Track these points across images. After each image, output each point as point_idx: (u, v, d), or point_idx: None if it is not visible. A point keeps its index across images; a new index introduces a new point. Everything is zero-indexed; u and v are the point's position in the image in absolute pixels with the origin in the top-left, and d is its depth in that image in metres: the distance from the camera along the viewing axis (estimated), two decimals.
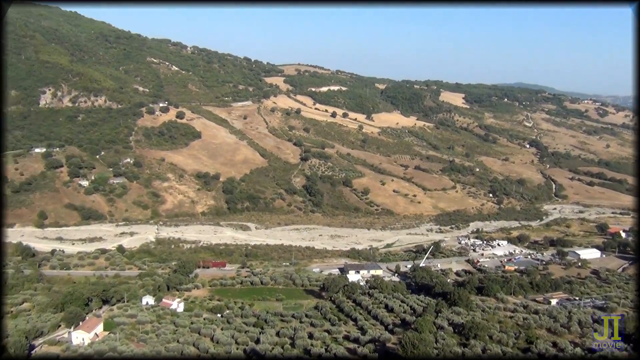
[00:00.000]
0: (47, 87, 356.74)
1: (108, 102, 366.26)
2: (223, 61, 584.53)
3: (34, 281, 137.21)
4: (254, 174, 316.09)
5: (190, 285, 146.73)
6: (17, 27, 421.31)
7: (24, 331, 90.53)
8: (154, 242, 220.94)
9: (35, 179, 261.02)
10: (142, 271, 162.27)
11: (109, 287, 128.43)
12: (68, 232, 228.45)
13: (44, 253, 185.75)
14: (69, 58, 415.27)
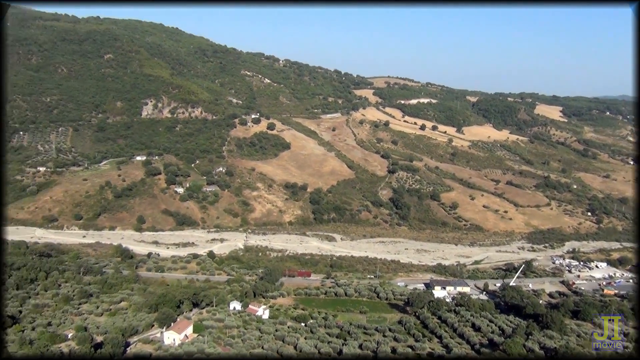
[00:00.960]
0: (149, 99, 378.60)
1: (204, 113, 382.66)
2: (314, 74, 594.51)
3: (131, 282, 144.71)
4: (340, 185, 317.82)
5: (275, 293, 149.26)
6: (124, 43, 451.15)
7: (120, 328, 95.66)
8: (243, 249, 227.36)
9: (136, 185, 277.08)
10: (231, 277, 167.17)
11: (199, 291, 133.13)
12: (163, 237, 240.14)
13: (141, 255, 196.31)
14: (169, 71, 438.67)
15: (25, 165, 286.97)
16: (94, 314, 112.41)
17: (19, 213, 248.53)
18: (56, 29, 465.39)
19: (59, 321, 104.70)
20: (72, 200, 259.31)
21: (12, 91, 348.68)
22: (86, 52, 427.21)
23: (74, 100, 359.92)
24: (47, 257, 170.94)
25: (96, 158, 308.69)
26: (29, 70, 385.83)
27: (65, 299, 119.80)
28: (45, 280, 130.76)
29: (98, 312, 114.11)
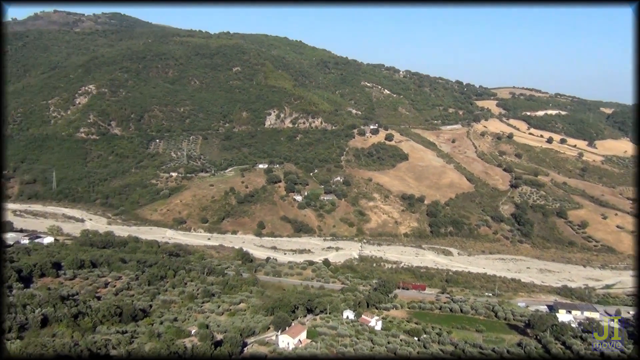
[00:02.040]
0: (272, 109, 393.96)
1: (324, 123, 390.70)
2: (434, 85, 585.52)
3: (250, 284, 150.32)
4: (459, 199, 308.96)
5: (389, 305, 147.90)
6: (251, 56, 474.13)
7: (239, 328, 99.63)
8: (357, 258, 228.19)
9: (257, 191, 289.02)
10: (345, 286, 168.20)
11: (313, 298, 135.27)
12: (281, 242, 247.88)
13: (260, 260, 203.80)
14: (292, 83, 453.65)
15: (160, 170, 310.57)
16: (215, 313, 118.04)
17: (152, 214, 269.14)
18: (191, 44, 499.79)
19: (184, 317, 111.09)
20: (200, 204, 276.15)
21: (150, 102, 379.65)
22: (217, 65, 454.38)
23: (204, 110, 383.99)
24: (176, 256, 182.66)
25: (222, 165, 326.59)
26: (166, 82, 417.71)
27: (190, 297, 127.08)
28: (173, 278, 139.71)
29: (219, 311, 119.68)
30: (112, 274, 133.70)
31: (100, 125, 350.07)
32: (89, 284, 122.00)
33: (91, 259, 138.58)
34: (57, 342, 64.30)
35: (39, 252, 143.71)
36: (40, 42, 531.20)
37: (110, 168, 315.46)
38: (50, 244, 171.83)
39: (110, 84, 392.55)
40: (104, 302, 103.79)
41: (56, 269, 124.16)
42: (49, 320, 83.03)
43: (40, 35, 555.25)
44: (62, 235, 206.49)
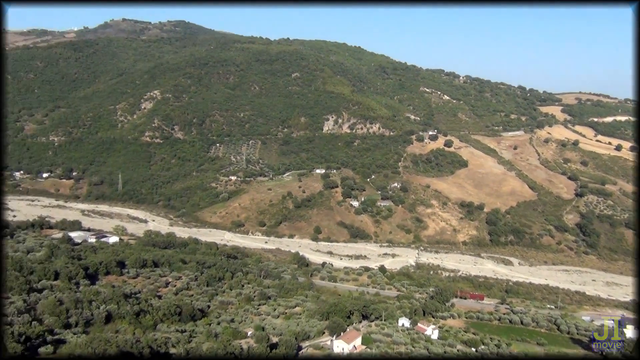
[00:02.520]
0: (330, 114, 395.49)
1: (381, 129, 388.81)
2: (495, 90, 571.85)
3: (306, 288, 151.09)
4: (520, 207, 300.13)
5: (446, 314, 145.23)
6: (310, 62, 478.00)
7: (294, 332, 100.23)
8: (414, 266, 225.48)
9: (314, 196, 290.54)
10: (400, 293, 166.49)
11: (369, 304, 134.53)
12: (337, 248, 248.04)
13: (316, 264, 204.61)
14: (350, 88, 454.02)
15: (220, 174, 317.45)
16: (271, 316, 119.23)
17: (212, 217, 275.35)
18: (251, 51, 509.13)
19: (240, 319, 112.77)
20: (258, 208, 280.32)
21: (211, 107, 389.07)
22: (276, 71, 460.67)
23: (264, 115, 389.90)
24: (234, 258, 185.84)
25: (280, 169, 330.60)
26: (227, 88, 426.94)
27: (247, 299, 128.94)
28: (230, 280, 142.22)
29: (275, 314, 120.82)
30: (172, 274, 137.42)
31: (164, 129, 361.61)
32: (150, 283, 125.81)
33: (153, 259, 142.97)
34: (119, 338, 66.58)
35: (104, 251, 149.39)
36: (109, 49, 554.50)
37: (172, 171, 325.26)
38: (115, 243, 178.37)
39: (174, 89, 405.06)
40: (164, 301, 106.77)
41: (120, 268, 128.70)
42: (112, 317, 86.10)
43: (109, 43, 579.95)
44: (127, 235, 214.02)
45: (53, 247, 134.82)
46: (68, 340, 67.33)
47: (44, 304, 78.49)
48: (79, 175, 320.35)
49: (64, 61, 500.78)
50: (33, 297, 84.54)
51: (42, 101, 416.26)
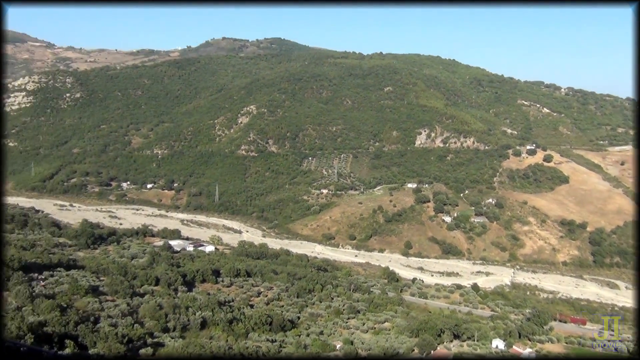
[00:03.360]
0: (423, 128, 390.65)
1: (476, 143, 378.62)
2: (600, 102, 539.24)
3: (396, 304, 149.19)
4: (628, 227, 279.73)
5: (543, 337, 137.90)
6: (403, 76, 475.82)
7: (383, 348, 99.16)
8: (509, 285, 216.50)
9: (405, 211, 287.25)
10: (494, 313, 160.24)
11: (460, 323, 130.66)
12: (428, 264, 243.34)
13: (406, 280, 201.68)
14: (443, 102, 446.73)
15: (312, 187, 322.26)
16: (360, 330, 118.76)
17: (303, 229, 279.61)
18: (344, 66, 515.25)
19: (329, 331, 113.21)
20: (348, 221, 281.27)
21: (305, 121, 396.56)
22: (368, 85, 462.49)
23: (355, 129, 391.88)
24: (324, 271, 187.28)
25: (371, 183, 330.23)
26: (319, 102, 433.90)
27: (336, 312, 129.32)
28: (320, 292, 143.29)
29: (364, 328, 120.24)
30: (264, 284, 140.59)
31: (259, 143, 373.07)
32: (243, 292, 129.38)
33: (246, 269, 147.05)
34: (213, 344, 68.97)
35: (201, 260, 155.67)
36: (210, 66, 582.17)
37: (266, 183, 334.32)
38: (211, 253, 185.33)
39: (269, 104, 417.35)
40: (256, 311, 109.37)
41: (215, 276, 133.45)
42: (207, 323, 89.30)
43: (210, 60, 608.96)
44: (222, 244, 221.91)
45: (155, 254, 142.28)
46: (166, 344, 70.65)
47: (145, 308, 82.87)
48: (180, 186, 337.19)
49: (169, 78, 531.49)
50: (136, 300, 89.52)
51: (148, 116, 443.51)
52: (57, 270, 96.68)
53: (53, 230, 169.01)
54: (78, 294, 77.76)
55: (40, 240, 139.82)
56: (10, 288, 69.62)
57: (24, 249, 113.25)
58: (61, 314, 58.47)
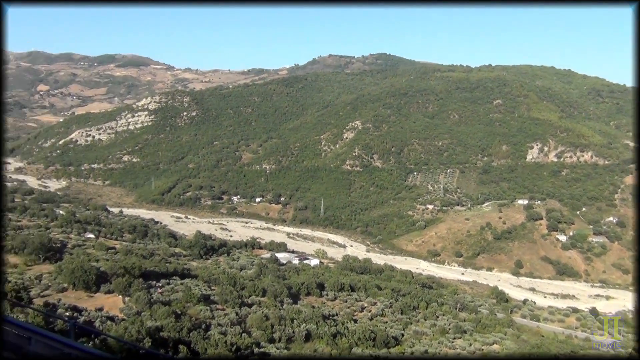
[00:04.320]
0: (535, 142, 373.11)
1: (594, 157, 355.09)
2: None
3: (505, 325, 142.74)
4: None
5: None
6: (514, 88, 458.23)
7: None
8: (633, 311, 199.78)
9: (515, 228, 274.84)
10: (616, 341, 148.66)
11: (577, 349, 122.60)
12: (540, 284, 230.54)
13: (516, 300, 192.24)
14: (558, 114, 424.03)
15: (416, 202, 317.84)
16: (467, 351, 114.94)
17: (407, 245, 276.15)
18: (451, 79, 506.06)
19: (434, 350, 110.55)
20: (454, 238, 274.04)
21: (410, 136, 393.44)
22: (476, 98, 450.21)
23: (462, 143, 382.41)
24: (429, 288, 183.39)
25: (479, 199, 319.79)
26: (425, 117, 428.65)
27: (441, 331, 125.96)
28: (425, 310, 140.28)
29: (470, 349, 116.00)
30: (368, 299, 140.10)
31: (363, 158, 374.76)
32: (347, 307, 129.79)
33: (350, 283, 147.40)
34: (318, 358, 69.68)
35: (306, 273, 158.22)
36: (316, 83, 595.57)
37: (370, 198, 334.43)
38: (316, 266, 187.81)
39: (374, 119, 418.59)
40: (359, 326, 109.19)
41: (320, 290, 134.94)
42: (311, 336, 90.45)
43: (316, 77, 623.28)
44: (326, 258, 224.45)
45: (262, 266, 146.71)
46: (272, 354, 72.52)
47: (253, 318, 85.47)
48: (286, 200, 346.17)
49: (277, 96, 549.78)
50: (244, 310, 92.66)
51: (257, 132, 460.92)
52: (172, 279, 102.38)
53: (170, 240, 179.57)
54: (191, 302, 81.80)
55: (159, 249, 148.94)
56: (132, 294, 74.73)
57: (144, 258, 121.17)
58: (176, 321, 61.81)
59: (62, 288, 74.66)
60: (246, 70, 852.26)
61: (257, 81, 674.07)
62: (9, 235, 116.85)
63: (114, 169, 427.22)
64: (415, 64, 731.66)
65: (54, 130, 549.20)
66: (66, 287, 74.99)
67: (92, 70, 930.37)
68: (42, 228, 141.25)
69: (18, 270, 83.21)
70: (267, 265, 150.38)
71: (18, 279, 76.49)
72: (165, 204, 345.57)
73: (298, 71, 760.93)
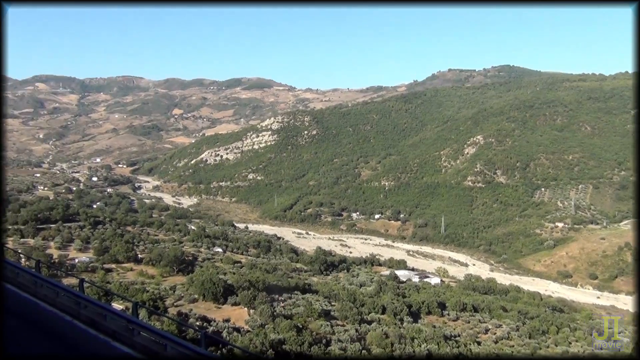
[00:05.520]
0: None
1: None
2: None
3: None
4: None
5: None
6: None
7: None
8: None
9: None
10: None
11: None
12: None
13: None
14: None
15: (545, 220, 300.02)
16: None
17: (535, 265, 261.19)
18: (582, 89, 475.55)
19: None
20: (588, 258, 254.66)
21: (536, 150, 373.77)
22: (611, 109, 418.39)
23: (595, 157, 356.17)
24: (559, 312, 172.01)
25: (616, 217, 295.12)
26: (553, 130, 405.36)
27: None
28: (555, 335, 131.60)
29: None
30: (492, 321, 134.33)
31: (485, 173, 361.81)
32: (470, 328, 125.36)
33: (473, 304, 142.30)
34: None
35: (426, 291, 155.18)
36: (436, 99, 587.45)
37: (493, 215, 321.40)
38: (437, 285, 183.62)
39: (497, 133, 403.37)
40: (483, 348, 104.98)
41: (441, 309, 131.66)
42: (432, 357, 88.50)
43: (436, 93, 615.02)
44: (448, 277, 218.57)
45: (381, 283, 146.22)
46: None
47: (372, 336, 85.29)
48: (405, 217, 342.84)
49: (396, 112, 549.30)
50: (363, 327, 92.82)
51: (376, 149, 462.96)
52: (294, 293, 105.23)
53: (291, 256, 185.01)
54: (312, 317, 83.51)
55: (281, 264, 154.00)
56: (256, 306, 77.86)
57: (267, 272, 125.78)
58: (297, 334, 63.43)
59: (193, 299, 79.66)
60: (365, 88, 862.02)
61: (376, 98, 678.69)
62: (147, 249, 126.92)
63: (240, 186, 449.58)
64: (541, 75, 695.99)
65: (187, 150, 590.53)
66: (197, 298, 79.90)
67: (221, 93, 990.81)
68: (176, 242, 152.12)
69: (155, 280, 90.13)
70: (386, 283, 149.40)
71: (155, 289, 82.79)
72: (287, 220, 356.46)
73: (417, 87, 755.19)
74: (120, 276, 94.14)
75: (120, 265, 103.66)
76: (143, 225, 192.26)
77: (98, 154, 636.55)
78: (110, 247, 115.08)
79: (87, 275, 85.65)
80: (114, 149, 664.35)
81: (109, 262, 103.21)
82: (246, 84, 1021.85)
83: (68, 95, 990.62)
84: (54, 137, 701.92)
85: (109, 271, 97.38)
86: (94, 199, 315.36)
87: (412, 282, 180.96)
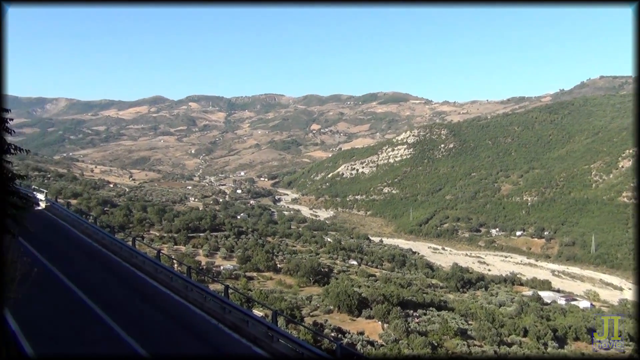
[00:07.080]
0: None
1: None
2: None
3: None
4: None
5: None
6: None
7: None
8: None
9: None
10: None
11: None
12: None
13: None
14: None
15: None
16: None
17: None
18: None
19: None
20: None
21: None
22: None
23: None
24: None
25: None
26: None
27: None
28: None
29: None
30: None
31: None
32: None
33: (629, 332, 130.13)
34: None
35: (574, 315, 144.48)
36: (585, 108, 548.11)
37: None
38: (586, 309, 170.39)
39: None
40: None
41: (590, 335, 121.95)
42: None
43: (585, 102, 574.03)
44: (599, 301, 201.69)
45: (523, 304, 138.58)
46: None
47: None
48: (550, 235, 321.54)
49: (539, 124, 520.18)
50: (502, 349, 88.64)
51: (517, 163, 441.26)
52: (429, 309, 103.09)
53: (427, 271, 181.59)
54: (448, 335, 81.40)
55: (416, 279, 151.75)
56: (390, 321, 77.60)
57: (401, 287, 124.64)
58: (432, 352, 62.34)
59: (329, 310, 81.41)
60: (505, 100, 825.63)
61: (517, 110, 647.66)
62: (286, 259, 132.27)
63: (375, 200, 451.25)
64: None
65: (324, 164, 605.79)
66: (332, 309, 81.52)
67: (357, 108, 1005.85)
68: (312, 253, 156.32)
69: (292, 290, 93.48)
70: (528, 304, 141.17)
71: (292, 298, 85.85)
72: (423, 235, 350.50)
73: (563, 96, 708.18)
74: (261, 284, 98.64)
75: (261, 274, 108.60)
76: (282, 236, 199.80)
77: (242, 168, 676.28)
78: (252, 256, 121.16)
79: (231, 282, 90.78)
80: (256, 163, 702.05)
81: (251, 271, 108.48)
82: (382, 99, 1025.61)
83: (217, 113, 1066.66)
84: (203, 152, 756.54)
85: (250, 279, 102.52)
86: (238, 210, 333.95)
87: (557, 304, 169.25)
